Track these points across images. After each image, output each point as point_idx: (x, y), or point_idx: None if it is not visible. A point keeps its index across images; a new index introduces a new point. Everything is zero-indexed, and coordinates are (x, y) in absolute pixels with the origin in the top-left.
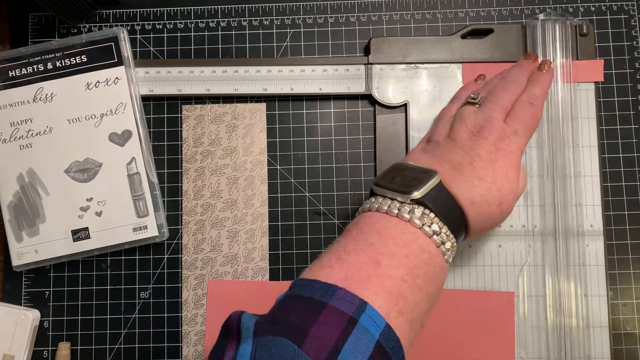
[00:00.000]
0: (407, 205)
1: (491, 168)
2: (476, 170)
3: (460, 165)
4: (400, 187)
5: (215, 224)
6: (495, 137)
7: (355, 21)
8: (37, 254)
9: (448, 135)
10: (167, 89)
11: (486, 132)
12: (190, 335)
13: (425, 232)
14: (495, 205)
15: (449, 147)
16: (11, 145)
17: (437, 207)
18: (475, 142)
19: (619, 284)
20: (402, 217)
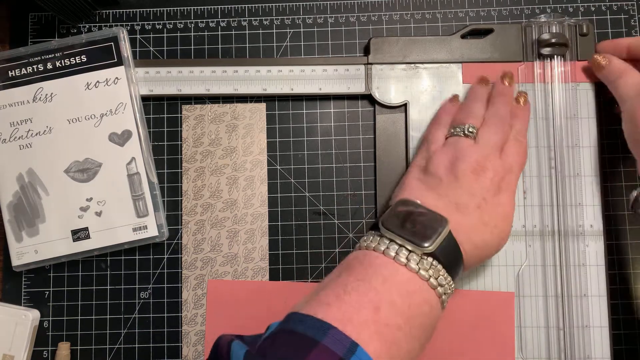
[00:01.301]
0: (417, 255)
1: (495, 211)
2: (482, 215)
3: (466, 209)
4: (412, 236)
5: (215, 224)
6: (499, 178)
7: (355, 21)
8: (37, 254)
9: (450, 171)
10: (167, 89)
11: (490, 172)
12: (190, 335)
13: (431, 285)
14: (495, 246)
15: (453, 187)
16: (11, 145)
17: (446, 259)
18: (481, 183)
19: (619, 284)
20: (410, 267)
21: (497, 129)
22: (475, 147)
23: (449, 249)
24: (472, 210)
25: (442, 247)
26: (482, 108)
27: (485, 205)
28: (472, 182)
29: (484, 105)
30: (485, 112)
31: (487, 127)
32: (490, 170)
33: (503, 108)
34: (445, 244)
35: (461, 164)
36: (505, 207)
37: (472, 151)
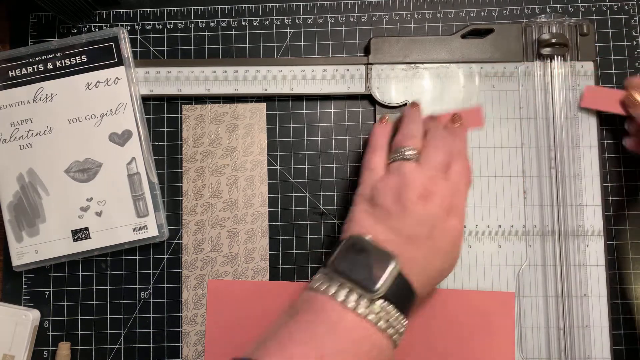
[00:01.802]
0: (366, 299)
1: (446, 237)
2: (434, 243)
3: (418, 240)
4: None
5: (215, 224)
6: (447, 203)
7: (355, 21)
8: (37, 254)
9: (397, 201)
10: (167, 89)
11: (437, 197)
12: (190, 335)
13: (380, 328)
14: (447, 270)
15: (402, 218)
16: (11, 145)
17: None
18: (429, 210)
19: (619, 284)
20: (359, 313)
21: (439, 148)
22: (418, 170)
23: (400, 288)
24: (423, 241)
25: (393, 287)
26: (419, 129)
27: (436, 233)
28: (420, 211)
29: (421, 126)
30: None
31: (428, 147)
32: (437, 194)
33: (441, 128)
34: (396, 284)
35: (407, 191)
36: (455, 232)
37: (417, 175)
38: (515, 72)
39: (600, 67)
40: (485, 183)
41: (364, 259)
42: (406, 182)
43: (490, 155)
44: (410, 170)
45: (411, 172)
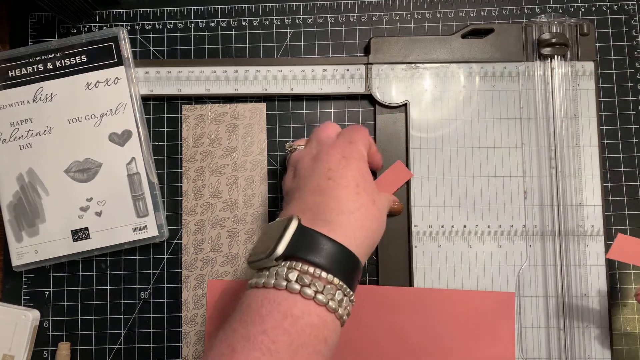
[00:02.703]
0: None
1: (348, 171)
2: (337, 181)
3: (320, 187)
4: (264, 250)
5: (215, 224)
6: (336, 148)
7: (355, 21)
8: (37, 254)
9: (293, 178)
10: (167, 89)
11: (323, 150)
12: (190, 335)
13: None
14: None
15: (301, 182)
16: (11, 145)
17: (307, 251)
18: (319, 161)
19: (619, 284)
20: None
21: (320, 129)
22: (305, 149)
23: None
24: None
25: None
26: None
27: (334, 173)
28: (311, 165)
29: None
30: None
31: (311, 135)
32: (323, 150)
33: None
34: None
35: (298, 165)
36: (357, 167)
37: (306, 149)
38: (515, 72)
39: (600, 67)
40: (485, 183)
41: (265, 236)
42: (296, 159)
43: (490, 155)
44: (298, 151)
45: (299, 152)
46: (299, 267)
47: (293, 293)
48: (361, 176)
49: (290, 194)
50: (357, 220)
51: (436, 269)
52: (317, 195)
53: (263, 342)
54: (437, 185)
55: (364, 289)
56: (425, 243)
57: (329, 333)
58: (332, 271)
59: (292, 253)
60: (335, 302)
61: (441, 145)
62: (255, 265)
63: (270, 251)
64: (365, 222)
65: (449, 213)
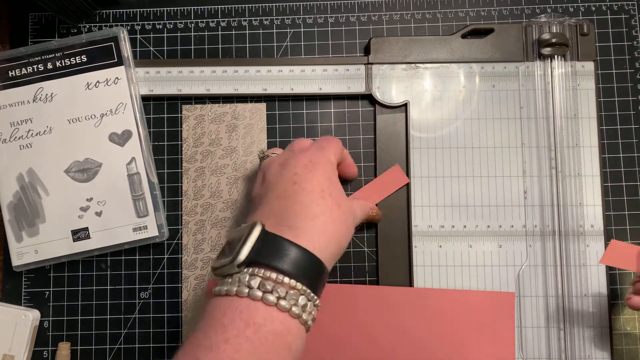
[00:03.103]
0: (242, 274)
1: (314, 176)
2: (303, 185)
3: (285, 192)
4: (227, 257)
5: (215, 224)
6: (305, 154)
7: (355, 21)
8: (37, 254)
9: (262, 183)
10: (167, 89)
11: (293, 157)
12: None
13: (268, 302)
14: (345, 237)
15: (268, 187)
16: (11, 145)
17: (270, 257)
18: (287, 166)
19: (619, 284)
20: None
21: (295, 142)
22: (277, 156)
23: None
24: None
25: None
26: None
27: (299, 177)
28: (279, 170)
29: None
30: None
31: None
32: (292, 157)
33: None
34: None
35: (267, 170)
36: (324, 172)
37: (275, 158)
38: (515, 72)
39: (600, 67)
40: (485, 183)
41: (228, 245)
42: (266, 165)
43: (490, 155)
44: (268, 159)
45: (270, 159)
46: (261, 274)
47: (255, 300)
48: (327, 180)
49: (257, 200)
50: (322, 224)
51: (436, 269)
52: (283, 200)
53: (226, 352)
54: (437, 185)
55: (364, 289)
56: (425, 243)
57: (293, 339)
58: (295, 276)
59: (255, 259)
60: (298, 308)
61: (441, 145)
62: (218, 272)
63: (233, 257)
64: (330, 226)
65: (449, 213)
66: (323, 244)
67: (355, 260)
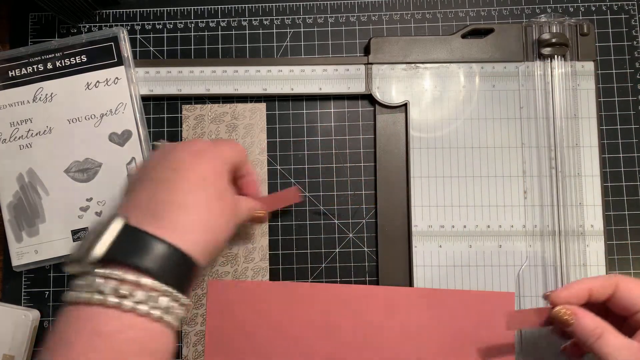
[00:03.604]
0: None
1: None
2: (185, 173)
3: (164, 177)
4: (80, 252)
5: None
6: (196, 145)
7: (355, 21)
8: (37, 254)
9: (142, 165)
10: (167, 89)
11: (183, 144)
12: (190, 335)
13: (125, 308)
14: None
15: (147, 169)
16: (11, 145)
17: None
18: (174, 151)
19: None
20: (92, 300)
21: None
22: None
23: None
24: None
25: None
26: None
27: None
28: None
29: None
30: None
31: None
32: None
33: None
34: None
35: (152, 154)
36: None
37: (166, 145)
38: (515, 72)
39: (600, 67)
40: (485, 183)
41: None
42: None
43: (490, 155)
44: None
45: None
46: (116, 275)
47: (108, 307)
48: (212, 170)
49: (130, 185)
50: (197, 215)
51: (436, 269)
52: (156, 186)
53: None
54: (437, 185)
55: (364, 289)
56: (425, 243)
57: (157, 345)
58: (157, 275)
59: (112, 257)
60: (159, 310)
61: (441, 145)
62: (71, 268)
63: (85, 253)
64: (205, 217)
65: (449, 213)
66: (196, 238)
67: (355, 260)
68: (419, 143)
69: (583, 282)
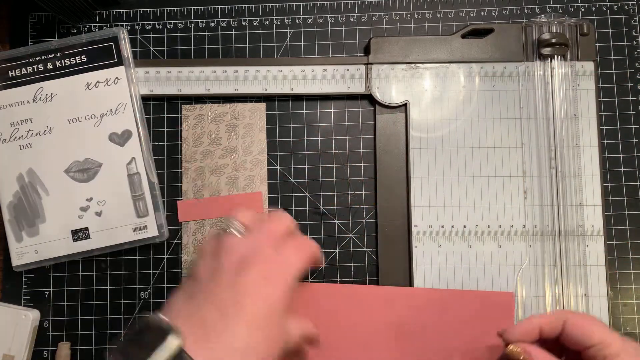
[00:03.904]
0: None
1: (262, 307)
2: (244, 313)
3: (226, 308)
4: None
5: (215, 224)
6: (267, 267)
7: (355, 21)
8: (37, 254)
9: (211, 270)
10: (167, 89)
11: (254, 262)
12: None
13: None
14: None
15: (212, 285)
16: (11, 145)
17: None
18: (243, 275)
19: (619, 284)
20: None
21: (272, 223)
22: (241, 241)
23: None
24: (229, 306)
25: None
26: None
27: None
28: (231, 273)
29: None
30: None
31: (261, 222)
32: (255, 261)
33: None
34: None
35: (223, 258)
36: (274, 302)
37: (238, 243)
38: (515, 72)
39: (600, 67)
40: (485, 183)
41: (138, 339)
42: (224, 249)
43: (490, 155)
44: (232, 240)
45: (232, 241)
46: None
47: None
48: (271, 314)
49: (197, 290)
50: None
51: (436, 269)
52: (219, 316)
53: None
54: (437, 185)
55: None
56: (425, 243)
57: None
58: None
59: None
60: None
61: (441, 145)
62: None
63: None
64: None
65: (449, 213)
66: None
67: (355, 260)
68: (419, 143)
69: (533, 320)
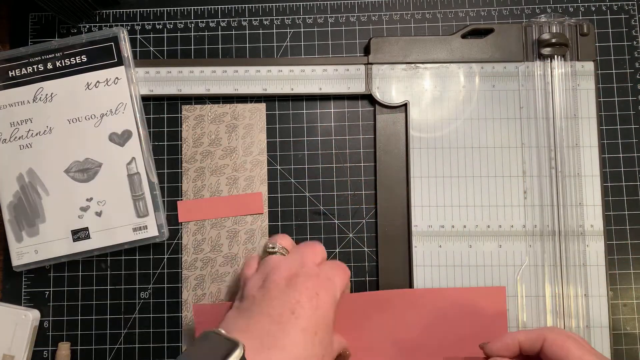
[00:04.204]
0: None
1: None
2: (299, 321)
3: (281, 317)
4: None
5: (215, 224)
6: (314, 281)
7: (355, 21)
8: (37, 254)
9: (262, 287)
10: (167, 89)
11: (302, 275)
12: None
13: None
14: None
15: (264, 298)
16: (11, 145)
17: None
18: (293, 287)
19: (619, 284)
20: None
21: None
22: (286, 258)
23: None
24: (286, 317)
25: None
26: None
27: (300, 309)
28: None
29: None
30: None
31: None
32: (303, 273)
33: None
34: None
35: (273, 274)
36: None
37: (284, 261)
38: (515, 72)
39: (600, 67)
40: (485, 183)
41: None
42: (271, 267)
43: (490, 155)
44: (276, 259)
45: (277, 260)
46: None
47: None
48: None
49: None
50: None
51: (436, 269)
52: (274, 325)
53: None
54: (437, 185)
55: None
56: (425, 243)
57: None
58: None
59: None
60: None
61: (441, 145)
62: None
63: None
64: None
65: (449, 213)
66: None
67: (355, 260)
68: (419, 143)
69: (514, 335)
